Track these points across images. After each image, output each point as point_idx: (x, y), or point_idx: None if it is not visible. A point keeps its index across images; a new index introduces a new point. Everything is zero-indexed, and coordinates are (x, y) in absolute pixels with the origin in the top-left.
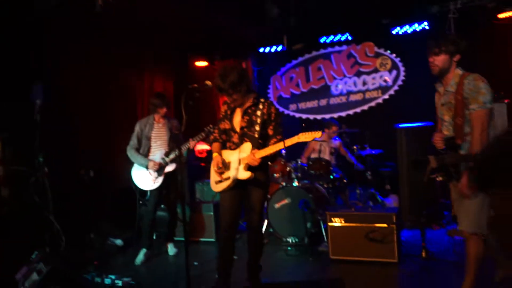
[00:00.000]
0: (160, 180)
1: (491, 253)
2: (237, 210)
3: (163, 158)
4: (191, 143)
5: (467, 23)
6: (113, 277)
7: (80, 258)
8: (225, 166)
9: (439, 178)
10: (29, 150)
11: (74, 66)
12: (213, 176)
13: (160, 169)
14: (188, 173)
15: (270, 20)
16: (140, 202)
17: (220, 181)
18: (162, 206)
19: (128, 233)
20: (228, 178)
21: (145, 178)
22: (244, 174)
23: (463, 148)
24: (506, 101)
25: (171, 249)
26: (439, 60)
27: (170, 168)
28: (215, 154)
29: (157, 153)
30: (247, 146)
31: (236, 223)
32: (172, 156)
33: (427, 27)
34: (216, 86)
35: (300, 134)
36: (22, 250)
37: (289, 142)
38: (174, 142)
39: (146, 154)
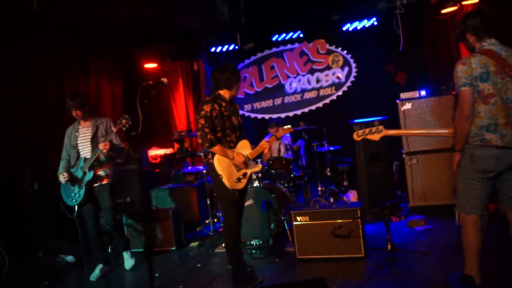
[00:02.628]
0: (81, 193)
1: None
2: None
3: (81, 167)
4: (102, 145)
5: (413, 18)
6: None
7: (28, 279)
8: (236, 165)
9: None
10: None
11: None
12: (233, 175)
13: (79, 180)
14: (143, 180)
15: (221, 18)
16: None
17: (241, 178)
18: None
19: (79, 248)
20: (245, 174)
21: (69, 192)
22: (259, 166)
23: None
24: (453, 92)
25: (127, 262)
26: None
27: (102, 173)
28: (232, 154)
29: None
30: (245, 142)
31: None
32: (89, 162)
33: (375, 23)
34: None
35: (280, 129)
36: None
37: (279, 135)
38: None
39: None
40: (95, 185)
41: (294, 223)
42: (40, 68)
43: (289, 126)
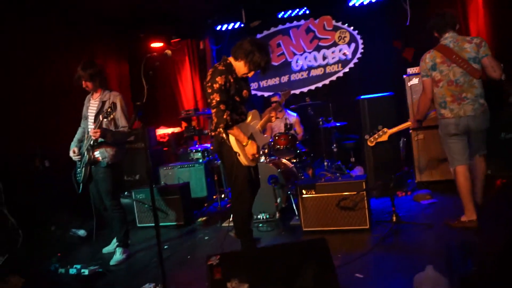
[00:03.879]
0: (81, 173)
1: None
2: None
3: (84, 146)
4: (91, 131)
5: None
6: (78, 266)
7: (41, 252)
8: (252, 138)
9: None
10: None
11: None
12: (249, 154)
13: (82, 159)
14: (152, 158)
15: None
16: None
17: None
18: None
19: (92, 223)
20: (259, 147)
21: (77, 169)
22: (268, 138)
23: None
24: None
25: (115, 257)
26: None
27: (99, 154)
28: (246, 140)
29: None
30: (255, 112)
31: None
32: (87, 142)
33: None
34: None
35: (281, 95)
36: None
37: (282, 101)
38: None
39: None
40: (93, 166)
41: (300, 196)
42: (46, 48)
43: (288, 89)
